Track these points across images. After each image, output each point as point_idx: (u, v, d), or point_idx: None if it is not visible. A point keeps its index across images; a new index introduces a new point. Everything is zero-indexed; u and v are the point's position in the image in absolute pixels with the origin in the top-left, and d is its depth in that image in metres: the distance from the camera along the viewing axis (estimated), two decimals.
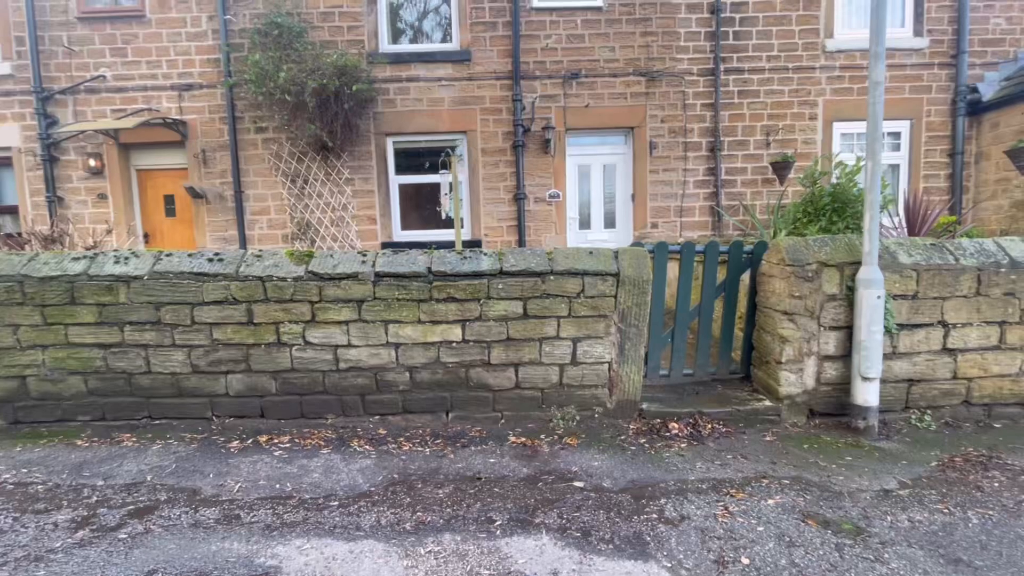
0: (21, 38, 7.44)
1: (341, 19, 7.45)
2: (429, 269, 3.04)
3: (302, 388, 3.15)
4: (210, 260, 3.08)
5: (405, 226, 8.01)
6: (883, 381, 3.10)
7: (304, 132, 7.10)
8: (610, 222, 8.02)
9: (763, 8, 7.50)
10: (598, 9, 7.48)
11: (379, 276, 3.02)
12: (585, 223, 8.03)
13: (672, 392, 3.59)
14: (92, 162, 7.56)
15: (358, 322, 3.05)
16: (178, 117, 7.54)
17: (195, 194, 7.48)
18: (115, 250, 3.33)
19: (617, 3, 7.47)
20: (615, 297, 3.12)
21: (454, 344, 3.11)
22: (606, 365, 3.20)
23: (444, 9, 7.72)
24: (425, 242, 7.49)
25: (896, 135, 7.72)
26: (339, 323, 3.05)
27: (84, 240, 7.21)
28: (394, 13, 7.76)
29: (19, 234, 7.02)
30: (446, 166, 4.61)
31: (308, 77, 6.61)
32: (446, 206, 4.73)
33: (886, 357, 3.11)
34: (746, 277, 3.66)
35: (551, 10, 7.48)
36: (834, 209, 5.09)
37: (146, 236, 8.14)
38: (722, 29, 7.47)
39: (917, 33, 7.54)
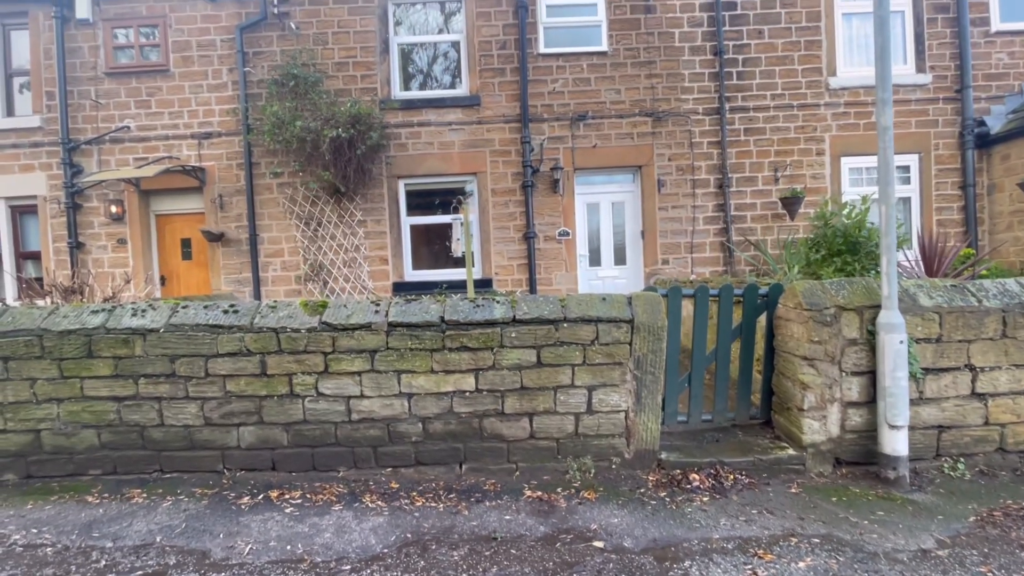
0: (51, 92, 7.85)
1: (355, 68, 7.77)
2: (442, 318, 3.05)
3: (314, 440, 3.12)
4: (225, 312, 3.12)
5: (417, 266, 8.10)
6: (911, 428, 3.00)
7: (318, 178, 7.30)
8: (620, 259, 8.04)
9: (765, 49, 7.70)
10: (603, 54, 7.73)
11: (392, 326, 3.03)
12: (595, 260, 8.06)
13: (691, 439, 3.50)
14: (114, 208, 7.81)
15: (371, 372, 3.05)
16: (197, 164, 7.82)
17: (211, 237, 7.66)
18: (132, 303, 3.40)
19: (621, 48, 7.72)
20: (630, 344, 3.09)
21: (467, 394, 3.08)
22: (622, 414, 3.14)
23: (453, 56, 8.04)
24: (437, 281, 7.57)
25: (905, 168, 7.75)
26: (352, 374, 3.05)
27: (103, 287, 7.39)
28: (406, 61, 8.09)
29: (39, 279, 7.22)
30: (457, 211, 4.71)
31: (323, 126, 6.85)
32: (457, 251, 4.80)
33: (913, 403, 3.02)
34: (762, 319, 3.62)
35: (557, 55, 7.75)
36: (848, 250, 5.05)
37: (163, 279, 8.30)
38: (726, 70, 7.66)
39: (919, 69, 7.67)
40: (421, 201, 8.07)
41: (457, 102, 7.78)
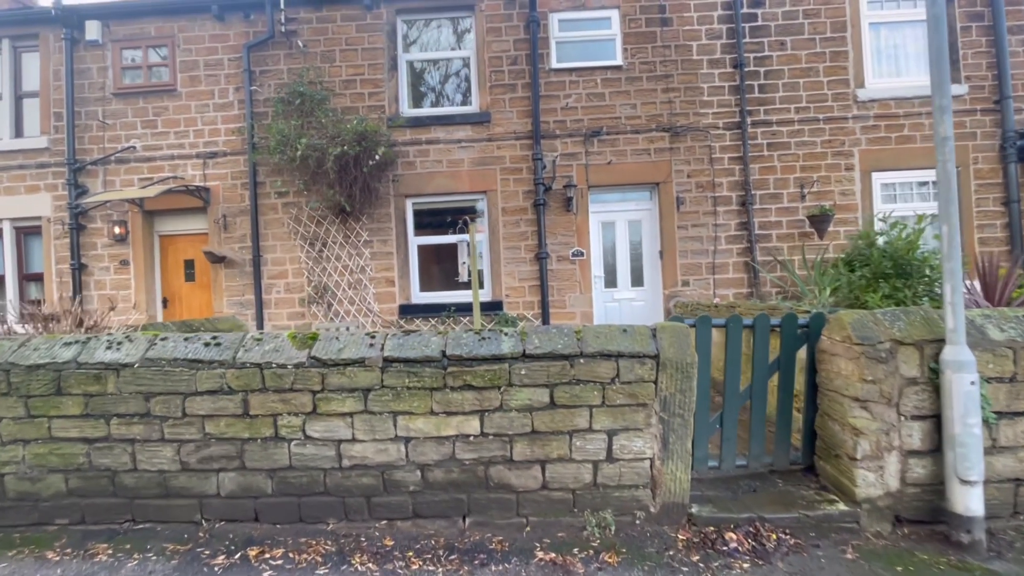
0: (59, 114, 7.87)
1: (362, 86, 7.68)
2: (443, 353, 2.76)
3: (301, 488, 2.82)
4: (207, 344, 2.87)
5: (424, 287, 7.86)
6: (984, 481, 2.60)
7: (323, 197, 7.15)
8: (637, 280, 7.71)
9: (788, 61, 7.44)
10: (618, 68, 7.53)
11: (388, 361, 2.75)
12: (611, 281, 7.74)
13: (724, 488, 3.13)
14: (117, 229, 7.73)
15: (364, 414, 2.76)
16: (201, 184, 7.73)
17: (214, 258, 7.52)
18: (109, 334, 3.17)
19: (637, 61, 7.52)
20: (655, 383, 2.76)
21: (471, 438, 2.77)
22: (647, 462, 2.80)
23: (464, 72, 7.91)
24: (445, 304, 7.30)
25: None
26: (343, 415, 2.76)
27: (103, 309, 7.25)
28: (414, 78, 7.98)
29: (35, 302, 7.10)
30: (464, 230, 4.46)
31: (328, 144, 6.71)
32: (464, 272, 4.54)
33: (985, 452, 2.64)
34: (802, 352, 3.26)
35: (570, 70, 7.57)
36: (898, 273, 4.65)
37: (165, 301, 8.17)
38: (747, 82, 7.40)
39: (955, 80, 7.32)
40: (429, 220, 7.86)
41: (467, 119, 7.62)
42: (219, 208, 7.78)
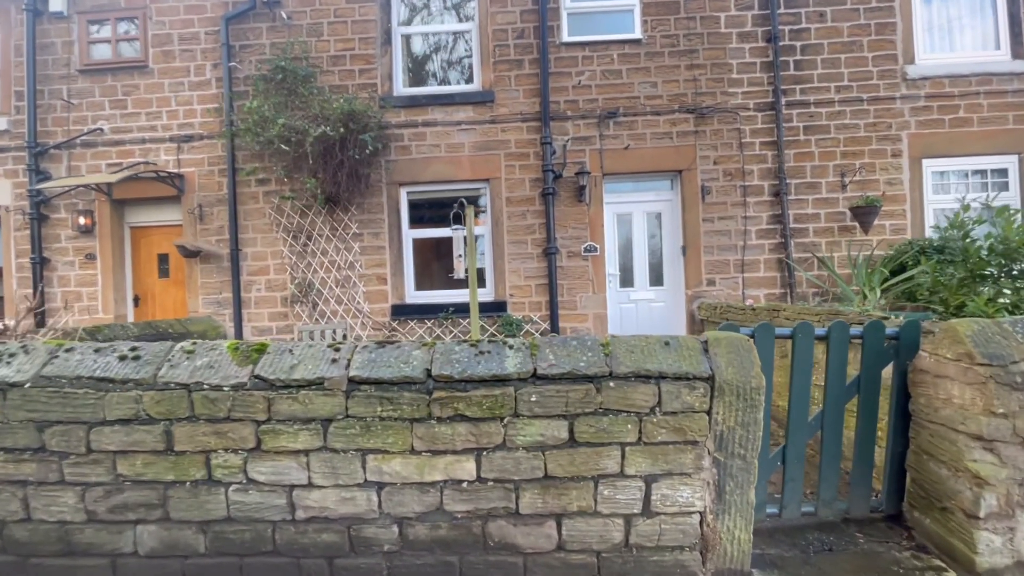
0: (20, 93, 7.29)
1: (352, 62, 7.05)
2: (428, 372, 2.13)
3: (243, 546, 2.20)
4: (122, 358, 2.25)
5: (420, 286, 7.24)
6: None
7: (304, 185, 6.54)
8: (657, 278, 7.06)
9: (828, 34, 6.76)
10: (636, 42, 6.88)
11: (355, 383, 2.12)
12: (627, 280, 7.09)
13: (789, 543, 2.49)
14: (82, 220, 7.15)
15: (323, 452, 2.13)
16: (175, 170, 7.13)
17: (187, 252, 6.92)
18: (5, 343, 2.55)
19: (658, 35, 6.86)
20: (709, 413, 2.12)
21: (465, 485, 2.13)
22: (696, 516, 2.16)
23: (464, 47, 7.28)
24: (442, 304, 6.68)
25: (1001, 172, 6.66)
26: (295, 453, 2.14)
27: (70, 309, 6.69)
28: (410, 54, 7.35)
29: None
30: (460, 219, 3.83)
31: (310, 124, 6.09)
32: (460, 269, 3.91)
33: None
34: (887, 371, 2.61)
35: (583, 44, 6.92)
36: (1006, 272, 3.89)
37: (136, 299, 7.59)
38: (781, 59, 6.73)
39: (1016, 55, 6.64)
40: (425, 211, 7.24)
41: (468, 98, 6.99)
42: (194, 197, 7.17)
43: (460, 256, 3.89)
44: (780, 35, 6.74)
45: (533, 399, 2.10)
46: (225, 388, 2.14)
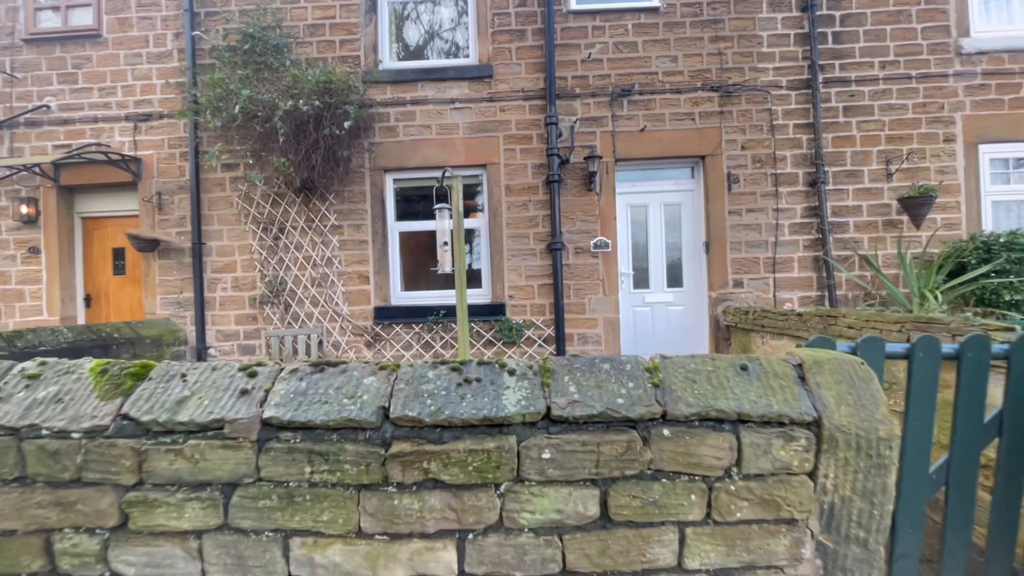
0: None
1: (332, 31, 6.35)
2: (385, 412, 1.42)
3: None
4: None
5: (408, 285, 6.54)
6: None
7: (274, 167, 5.84)
8: (675, 279, 6.36)
9: (871, 2, 6.09)
10: (654, 10, 6.19)
11: (273, 428, 1.42)
12: (642, 280, 6.40)
13: None
14: (25, 208, 6.43)
15: (223, 533, 1.43)
16: (131, 153, 6.41)
17: (142, 245, 6.21)
18: None
19: (678, 3, 6.19)
20: (812, 475, 1.42)
21: None
22: None
23: (458, 16, 6.58)
24: (432, 306, 5.99)
25: None
26: (182, 535, 1.43)
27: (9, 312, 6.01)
28: (398, 23, 6.66)
29: None
30: (445, 198, 3.11)
31: (281, 97, 5.38)
32: (445, 261, 3.19)
33: None
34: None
35: (594, 13, 6.23)
36: None
37: (88, 299, 6.86)
38: (818, 30, 6.05)
39: None
40: (415, 206, 6.54)
41: (462, 73, 6.29)
42: (152, 183, 6.46)
43: (445, 245, 3.17)
44: (817, 3, 6.06)
45: (546, 455, 1.40)
46: (75, 435, 1.43)
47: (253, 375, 1.54)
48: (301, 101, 5.30)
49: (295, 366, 1.57)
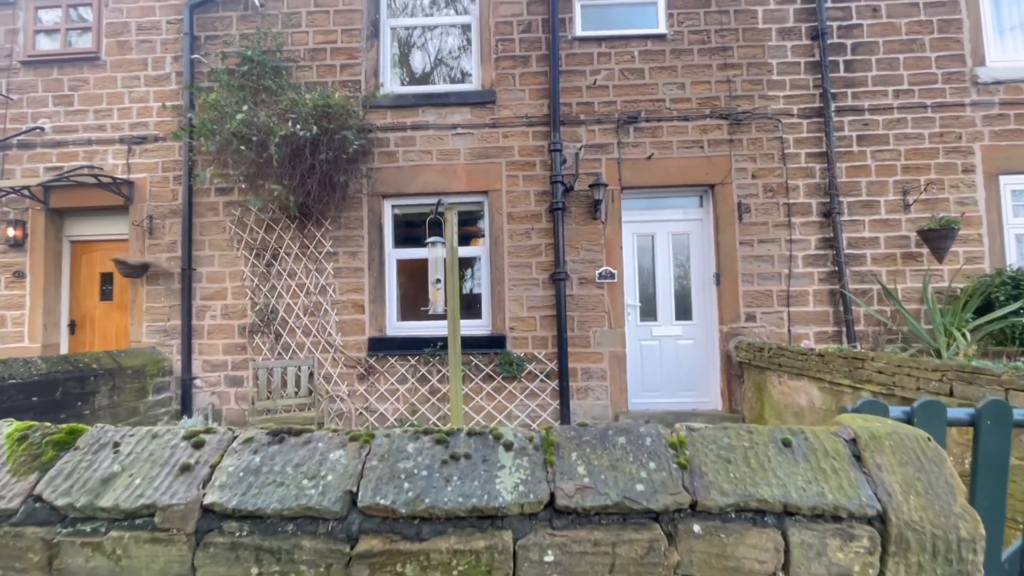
0: None
1: (333, 56, 6.29)
2: (353, 498, 1.17)
3: None
4: None
5: (404, 315, 6.32)
6: None
7: (269, 194, 5.69)
8: (684, 311, 6.12)
9: (883, 31, 5.99)
10: (660, 37, 6.11)
11: (215, 516, 1.17)
12: (649, 312, 6.16)
13: None
14: (12, 232, 6.28)
15: None
16: (124, 176, 6.29)
17: (129, 271, 6.02)
18: None
19: (685, 30, 6.10)
20: None
21: None
22: None
23: (462, 42, 6.53)
24: (428, 337, 5.76)
25: None
26: None
27: None
28: (400, 48, 6.60)
29: None
30: (438, 228, 2.90)
31: (277, 121, 5.26)
32: (438, 301, 2.96)
33: None
34: None
35: (599, 40, 6.16)
36: None
37: (72, 325, 6.65)
38: (829, 58, 5.95)
39: None
40: (414, 232, 6.36)
41: (465, 99, 6.19)
42: (144, 207, 6.31)
43: (438, 283, 2.94)
44: (827, 32, 5.97)
45: (549, 558, 1.14)
46: None
47: (199, 445, 1.29)
48: (299, 126, 5.17)
49: (250, 434, 1.33)
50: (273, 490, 1.18)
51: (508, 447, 1.28)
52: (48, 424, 1.38)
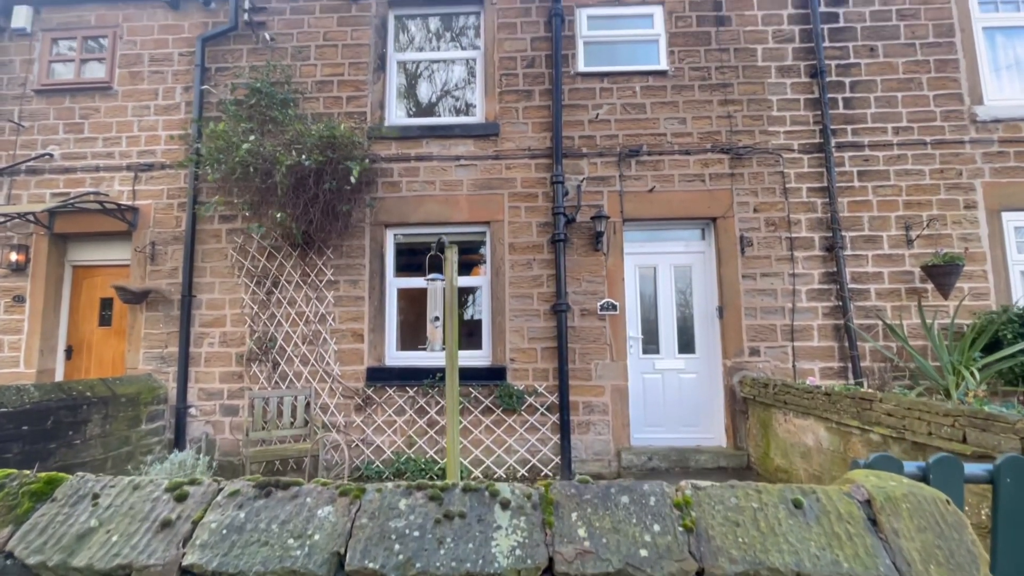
0: None
1: (340, 88, 6.40)
2: (340, 560, 1.11)
3: None
4: None
5: (404, 344, 6.27)
6: None
7: (272, 221, 5.71)
8: (687, 344, 6.06)
9: (880, 70, 6.09)
10: (662, 73, 6.22)
11: None
12: (651, 345, 6.09)
13: None
14: (14, 256, 6.29)
15: None
16: (128, 202, 6.34)
17: (129, 297, 6.00)
18: None
19: (686, 66, 6.21)
20: None
21: None
22: None
23: (466, 75, 6.65)
24: (428, 368, 5.70)
25: None
26: None
27: None
28: (406, 81, 6.73)
29: None
30: (437, 266, 2.87)
31: (283, 151, 5.32)
32: (435, 339, 2.90)
33: None
34: None
35: (601, 75, 6.26)
36: None
37: (69, 351, 6.60)
38: (828, 96, 6.03)
39: None
40: (415, 260, 6.36)
41: (468, 131, 6.27)
42: (147, 233, 6.34)
43: (437, 320, 2.89)
44: (826, 70, 6.07)
45: None
46: None
47: (182, 498, 1.24)
48: (304, 156, 5.23)
49: (236, 487, 1.27)
50: (257, 550, 1.12)
51: (505, 505, 1.22)
52: (27, 472, 1.33)
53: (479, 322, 6.21)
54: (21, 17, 6.74)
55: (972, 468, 1.52)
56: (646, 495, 1.24)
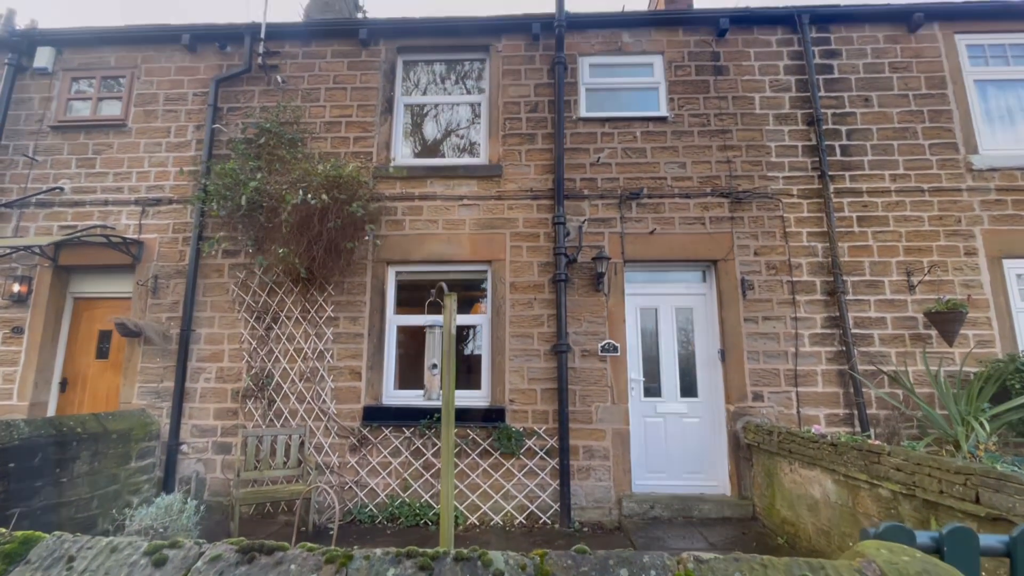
0: None
1: (348, 129, 6.56)
2: None
3: None
4: None
5: (402, 383, 6.20)
6: None
7: (275, 257, 5.74)
8: (689, 387, 5.97)
9: (876, 120, 6.23)
10: (662, 119, 6.37)
11: None
12: (653, 388, 6.01)
13: None
14: (16, 287, 6.31)
15: None
16: (134, 236, 6.40)
17: (127, 331, 5.96)
18: None
19: (686, 113, 6.36)
20: None
21: None
22: None
23: (471, 118, 6.81)
24: (425, 408, 5.61)
25: None
26: None
27: None
28: (412, 122, 6.89)
29: None
30: (437, 308, 2.84)
31: (289, 190, 5.40)
32: (433, 387, 2.84)
33: None
34: None
35: (602, 120, 6.42)
36: None
37: (64, 383, 6.53)
38: (826, 143, 6.15)
39: None
40: (416, 297, 6.35)
41: (472, 172, 6.37)
42: (151, 267, 6.37)
43: (434, 368, 2.83)
44: (822, 118, 6.21)
45: None
46: None
47: (160, 563, 1.18)
48: (310, 195, 5.30)
49: (218, 551, 1.22)
50: None
51: (498, 574, 1.17)
52: (3, 531, 1.27)
53: (479, 358, 6.14)
54: (44, 57, 6.98)
55: (988, 540, 1.45)
56: (646, 568, 1.18)
